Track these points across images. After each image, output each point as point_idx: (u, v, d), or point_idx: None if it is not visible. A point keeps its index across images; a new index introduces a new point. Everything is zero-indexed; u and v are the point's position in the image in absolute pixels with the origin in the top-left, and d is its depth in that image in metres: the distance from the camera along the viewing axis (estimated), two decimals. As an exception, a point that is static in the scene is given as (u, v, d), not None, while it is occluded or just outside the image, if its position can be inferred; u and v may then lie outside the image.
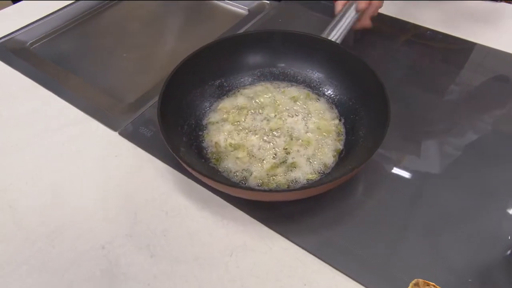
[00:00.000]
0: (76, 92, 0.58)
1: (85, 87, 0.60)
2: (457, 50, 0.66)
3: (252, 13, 0.73)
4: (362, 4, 0.57)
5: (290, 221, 0.43)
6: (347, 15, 0.57)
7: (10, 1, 0.90)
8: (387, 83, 0.45)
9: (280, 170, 0.45)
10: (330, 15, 0.57)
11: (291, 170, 0.45)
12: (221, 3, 0.78)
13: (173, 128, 0.47)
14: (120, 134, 0.52)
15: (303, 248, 0.40)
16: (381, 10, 0.70)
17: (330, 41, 0.54)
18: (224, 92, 0.55)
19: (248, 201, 0.43)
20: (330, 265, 0.39)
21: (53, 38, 0.72)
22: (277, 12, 0.72)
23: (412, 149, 0.51)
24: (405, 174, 0.48)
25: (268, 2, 0.74)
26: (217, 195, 0.45)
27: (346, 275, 0.38)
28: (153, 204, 0.44)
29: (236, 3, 0.76)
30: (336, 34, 0.55)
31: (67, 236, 0.42)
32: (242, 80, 0.56)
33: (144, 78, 0.63)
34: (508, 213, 0.44)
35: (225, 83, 0.55)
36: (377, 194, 0.46)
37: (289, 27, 0.55)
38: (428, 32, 0.67)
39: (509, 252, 0.42)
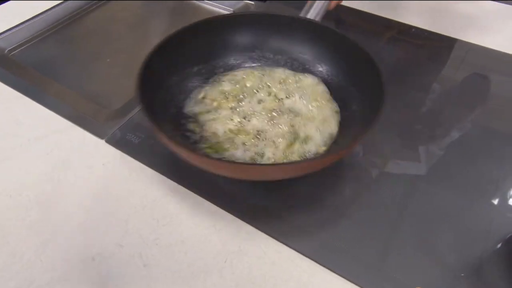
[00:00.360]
0: (59, 100, 0.57)
1: (69, 94, 0.59)
2: (439, 47, 0.67)
3: (237, 14, 0.73)
4: None
5: (281, 223, 0.42)
6: None
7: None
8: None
9: (296, 147, 0.45)
10: None
11: (305, 143, 0.45)
12: (205, 5, 0.78)
13: (156, 113, 0.44)
14: (107, 141, 0.51)
15: (297, 251, 0.40)
16: (364, 8, 0.71)
17: (310, 20, 0.53)
18: (203, 79, 0.53)
19: (240, 205, 0.43)
20: (326, 267, 0.39)
21: (33, 44, 0.70)
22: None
23: (398, 148, 0.51)
24: (393, 174, 0.48)
25: (253, 3, 0.73)
26: (209, 200, 0.44)
27: (342, 276, 0.38)
28: (143, 212, 0.44)
29: (221, 4, 0.76)
30: (313, 13, 0.54)
31: (55, 249, 0.41)
32: (221, 65, 0.54)
33: (130, 83, 0.60)
34: (497, 208, 0.45)
35: (203, 70, 0.53)
36: (366, 194, 0.46)
37: None
38: (412, 29, 0.68)
39: (499, 245, 0.42)
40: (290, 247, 0.40)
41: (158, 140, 0.41)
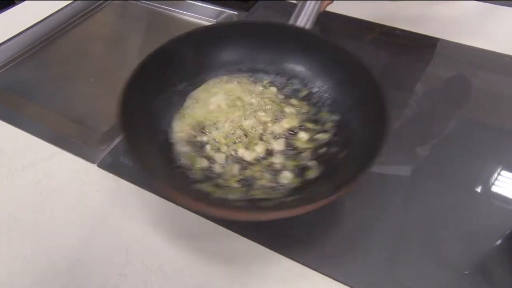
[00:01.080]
0: (44, 124, 0.54)
1: (54, 118, 0.57)
2: (422, 47, 0.68)
3: (221, 26, 0.72)
4: None
5: (285, 238, 0.42)
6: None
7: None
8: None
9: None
10: None
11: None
12: (187, 17, 0.77)
13: (143, 146, 0.41)
14: (99, 166, 0.49)
15: (305, 265, 0.40)
16: (344, 12, 0.72)
17: (298, 27, 0.50)
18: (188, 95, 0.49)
19: (244, 225, 0.42)
20: (335, 279, 0.39)
21: (10, 67, 0.67)
22: (246, 22, 0.71)
23: (390, 151, 0.51)
24: (387, 177, 0.48)
25: (236, 13, 0.73)
26: (210, 220, 0.43)
27: (351, 286, 0.38)
28: (144, 237, 0.42)
29: (203, 16, 0.75)
30: (304, 19, 0.51)
31: (53, 286, 0.39)
32: (208, 80, 0.51)
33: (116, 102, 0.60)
34: (494, 203, 0.45)
35: (189, 87, 0.50)
36: (361, 199, 0.45)
37: None
38: (396, 31, 0.69)
39: (500, 241, 0.43)
40: (297, 261, 0.40)
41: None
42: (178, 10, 0.77)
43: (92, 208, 0.45)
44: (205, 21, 0.75)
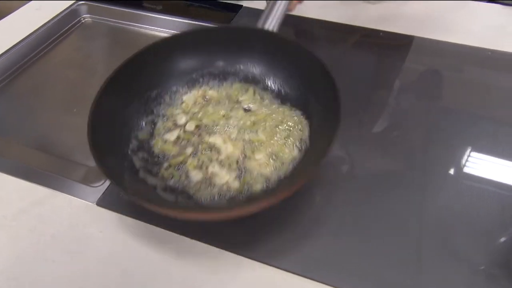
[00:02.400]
0: (28, 164, 0.51)
1: (38, 156, 0.53)
2: (399, 45, 0.69)
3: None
4: None
5: (258, 244, 0.41)
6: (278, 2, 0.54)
7: None
8: (340, 85, 0.44)
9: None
10: (283, 29, 0.54)
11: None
12: (167, 35, 0.74)
13: (115, 157, 0.43)
14: (99, 204, 0.46)
15: (286, 270, 0.39)
16: (324, 17, 0.72)
17: (267, 31, 0.52)
18: (160, 103, 0.51)
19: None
20: (321, 282, 0.38)
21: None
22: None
23: (368, 146, 0.52)
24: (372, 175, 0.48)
25: (202, 24, 0.71)
26: (229, 251, 0.41)
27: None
28: (161, 277, 0.39)
29: (171, 30, 0.73)
30: (271, 22, 0.52)
31: None
32: (177, 86, 0.53)
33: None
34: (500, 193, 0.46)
35: (161, 93, 0.51)
36: (339, 197, 0.46)
37: None
38: (381, 33, 0.69)
39: (503, 239, 0.43)
40: (278, 267, 0.39)
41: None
42: (158, 28, 0.74)
43: (99, 252, 0.41)
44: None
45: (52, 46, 0.72)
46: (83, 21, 0.77)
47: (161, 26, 0.74)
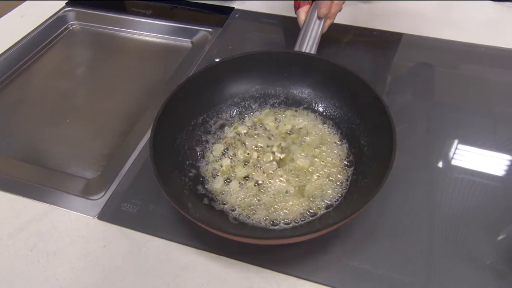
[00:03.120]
0: (23, 179, 0.49)
1: (33, 170, 0.51)
2: (389, 42, 0.69)
3: (197, 45, 0.69)
4: (324, 9, 0.55)
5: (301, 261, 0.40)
6: (312, 23, 0.55)
7: None
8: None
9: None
10: (277, 30, 0.54)
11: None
12: (159, 40, 0.72)
13: (175, 186, 0.42)
14: (100, 218, 0.44)
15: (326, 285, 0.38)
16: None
17: (306, 53, 0.52)
18: (211, 128, 0.50)
19: (277, 258, 0.39)
20: None
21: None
22: (222, 38, 0.68)
23: None
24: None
25: (210, 30, 0.69)
26: (239, 260, 0.40)
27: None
28: (170, 292, 0.38)
29: (179, 37, 0.71)
30: (308, 45, 0.53)
31: None
32: (225, 110, 0.52)
33: (100, 143, 0.55)
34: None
35: (207, 118, 0.51)
36: None
37: (243, 51, 0.52)
38: (374, 32, 0.70)
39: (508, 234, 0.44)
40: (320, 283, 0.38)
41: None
42: (147, 33, 0.72)
43: (103, 268, 0.40)
44: (182, 42, 0.71)
45: (39, 56, 0.70)
46: (70, 28, 0.75)
47: (151, 31, 0.72)
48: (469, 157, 0.50)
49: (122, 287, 0.39)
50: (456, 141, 0.52)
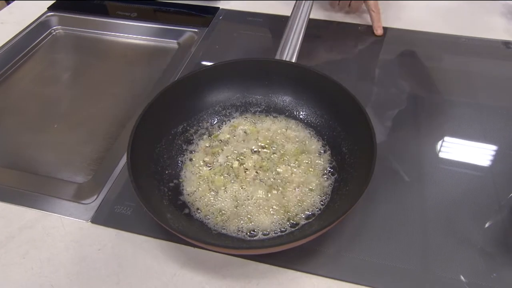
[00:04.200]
0: (12, 186, 0.48)
1: (22, 177, 0.50)
2: (375, 37, 0.70)
3: (183, 46, 0.69)
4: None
5: (308, 256, 0.40)
6: (293, 31, 0.54)
7: None
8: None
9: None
10: (263, 28, 0.53)
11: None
12: (145, 42, 0.72)
13: (154, 196, 0.41)
14: (94, 222, 0.44)
15: (335, 278, 0.39)
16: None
17: (286, 61, 0.51)
18: (191, 137, 0.50)
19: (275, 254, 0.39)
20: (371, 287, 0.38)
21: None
22: (208, 38, 0.68)
23: None
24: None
25: (196, 30, 0.69)
26: (234, 255, 0.40)
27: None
28: (169, 291, 0.38)
29: (164, 38, 0.71)
30: (289, 53, 0.52)
31: None
32: (205, 118, 0.51)
33: (90, 147, 0.54)
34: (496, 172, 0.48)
35: (188, 127, 0.50)
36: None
37: (230, 51, 0.52)
38: (359, 27, 0.71)
39: (497, 219, 0.45)
40: (328, 277, 0.39)
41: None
42: (133, 36, 0.72)
43: (99, 272, 0.40)
44: (168, 43, 0.70)
45: (22, 62, 0.69)
46: (54, 33, 0.74)
47: (137, 33, 0.72)
48: (457, 148, 0.51)
49: (120, 290, 0.38)
50: (444, 133, 0.53)
